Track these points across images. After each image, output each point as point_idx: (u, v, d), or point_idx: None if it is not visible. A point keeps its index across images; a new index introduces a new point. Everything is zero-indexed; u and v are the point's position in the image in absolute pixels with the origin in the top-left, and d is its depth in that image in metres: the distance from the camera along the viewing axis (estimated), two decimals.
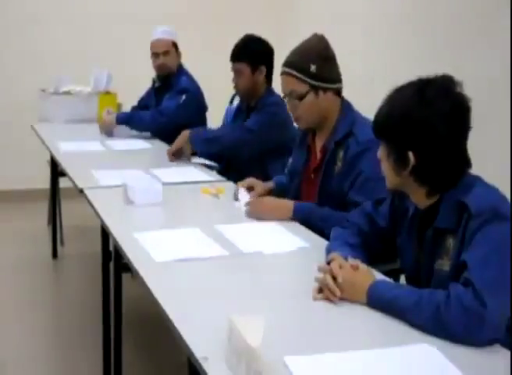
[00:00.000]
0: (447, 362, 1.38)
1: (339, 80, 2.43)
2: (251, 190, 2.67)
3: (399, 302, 1.57)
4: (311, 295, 1.70)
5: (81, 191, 2.77)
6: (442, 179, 1.69)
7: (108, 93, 4.61)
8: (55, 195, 4.49)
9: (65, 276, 4.24)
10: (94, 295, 3.08)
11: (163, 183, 2.65)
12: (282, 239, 2.19)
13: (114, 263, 2.57)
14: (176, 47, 4.16)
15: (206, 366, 1.33)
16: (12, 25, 5.49)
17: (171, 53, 4.11)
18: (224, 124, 3.96)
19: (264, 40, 3.34)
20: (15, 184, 5.61)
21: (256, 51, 3.29)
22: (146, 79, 4.39)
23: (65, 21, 5.58)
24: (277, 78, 3.20)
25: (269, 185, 2.74)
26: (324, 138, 2.45)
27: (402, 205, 1.87)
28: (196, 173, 3.17)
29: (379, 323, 1.58)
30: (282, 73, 2.42)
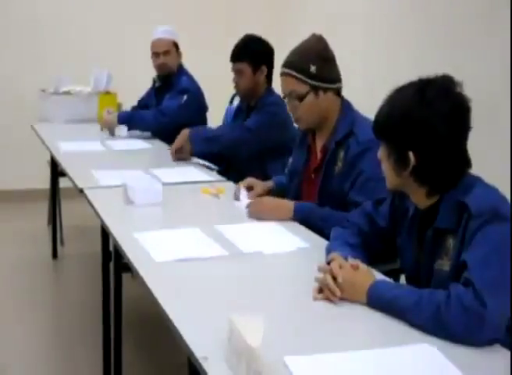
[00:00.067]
0: (447, 362, 1.38)
1: (338, 79, 2.43)
2: (251, 190, 2.67)
3: (399, 302, 1.57)
4: (311, 295, 1.70)
5: (81, 191, 2.77)
6: (442, 179, 1.69)
7: (108, 93, 4.62)
8: (55, 195, 4.49)
9: (65, 277, 4.24)
10: (94, 295, 3.08)
11: (163, 184, 2.66)
12: (282, 239, 2.19)
13: (114, 263, 2.57)
14: (177, 47, 4.15)
15: (206, 366, 1.33)
16: (12, 25, 5.49)
17: (171, 53, 4.11)
18: (224, 124, 3.96)
19: (265, 40, 3.34)
20: (15, 184, 5.61)
21: (257, 51, 3.29)
22: (146, 79, 4.39)
23: (65, 21, 5.58)
24: (277, 78, 3.21)
25: (269, 185, 2.74)
26: (324, 138, 2.45)
27: (402, 205, 1.87)
28: (196, 173, 3.17)
29: (379, 322, 1.58)
30: (282, 73, 2.42)
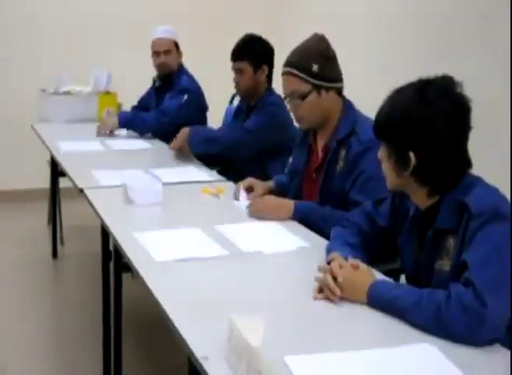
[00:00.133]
0: (447, 361, 1.38)
1: (340, 79, 2.42)
2: (251, 190, 2.67)
3: (399, 302, 1.57)
4: (311, 295, 1.70)
5: (81, 190, 2.76)
6: (442, 179, 1.69)
7: (108, 93, 4.62)
8: (55, 195, 4.49)
9: (65, 276, 4.24)
10: (94, 295, 3.07)
11: (163, 183, 2.65)
12: (282, 239, 2.18)
13: (114, 263, 2.57)
14: (177, 46, 4.15)
15: (206, 366, 1.33)
16: (12, 25, 5.48)
17: (172, 52, 4.10)
18: (224, 124, 3.96)
19: (265, 39, 3.34)
20: (15, 184, 5.61)
21: (258, 50, 3.29)
22: (146, 79, 4.39)
23: (65, 21, 5.57)
24: (277, 78, 3.21)
25: (269, 185, 2.74)
26: (325, 137, 2.45)
27: (402, 206, 1.87)
28: (196, 173, 3.17)
29: (380, 322, 1.58)
30: (284, 72, 2.40)
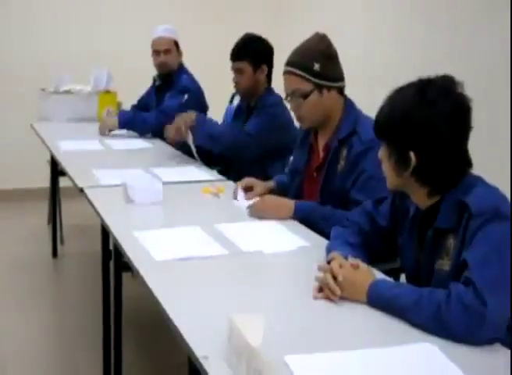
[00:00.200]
0: (448, 361, 1.38)
1: (341, 78, 2.42)
2: (251, 190, 2.66)
3: (399, 301, 1.57)
4: (312, 294, 1.69)
5: (81, 190, 2.76)
6: (443, 179, 1.69)
7: (108, 92, 4.62)
8: (55, 194, 4.49)
9: (65, 275, 4.24)
10: (94, 294, 3.08)
11: (163, 183, 2.65)
12: (282, 238, 2.18)
13: (114, 262, 2.57)
14: (177, 45, 4.15)
15: (206, 365, 1.33)
16: (12, 24, 5.48)
17: (172, 51, 4.10)
18: (226, 125, 3.96)
19: (265, 39, 3.33)
20: (15, 183, 5.61)
21: (257, 50, 3.28)
22: (146, 78, 4.39)
23: (66, 20, 5.58)
24: (276, 78, 3.21)
25: (270, 185, 2.73)
26: (327, 137, 2.44)
27: (403, 205, 1.87)
28: (196, 173, 3.16)
29: (380, 322, 1.57)
30: (286, 72, 2.40)
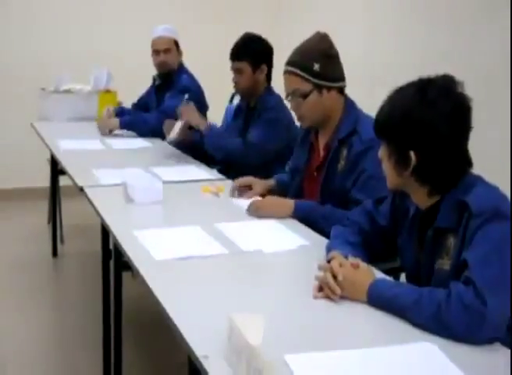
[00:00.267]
0: (448, 360, 1.38)
1: (342, 78, 2.42)
2: (250, 189, 2.66)
3: (399, 301, 1.57)
4: (312, 294, 1.70)
5: (81, 189, 2.76)
6: (443, 179, 1.69)
7: (108, 91, 4.62)
8: (55, 194, 4.49)
9: (65, 275, 4.24)
10: (94, 294, 3.08)
11: (163, 182, 2.65)
12: (282, 237, 2.18)
13: (114, 262, 2.57)
14: (177, 45, 4.14)
15: (206, 365, 1.33)
16: (12, 24, 5.48)
17: (172, 51, 4.09)
18: (224, 123, 3.96)
19: (264, 39, 3.32)
20: (15, 183, 5.61)
21: (257, 50, 3.27)
22: (146, 78, 4.39)
23: (66, 20, 5.58)
24: (276, 78, 3.21)
25: (269, 183, 2.73)
26: (327, 136, 2.44)
27: (403, 205, 1.87)
28: (196, 172, 3.16)
29: (380, 321, 1.57)
30: (286, 72, 2.40)
